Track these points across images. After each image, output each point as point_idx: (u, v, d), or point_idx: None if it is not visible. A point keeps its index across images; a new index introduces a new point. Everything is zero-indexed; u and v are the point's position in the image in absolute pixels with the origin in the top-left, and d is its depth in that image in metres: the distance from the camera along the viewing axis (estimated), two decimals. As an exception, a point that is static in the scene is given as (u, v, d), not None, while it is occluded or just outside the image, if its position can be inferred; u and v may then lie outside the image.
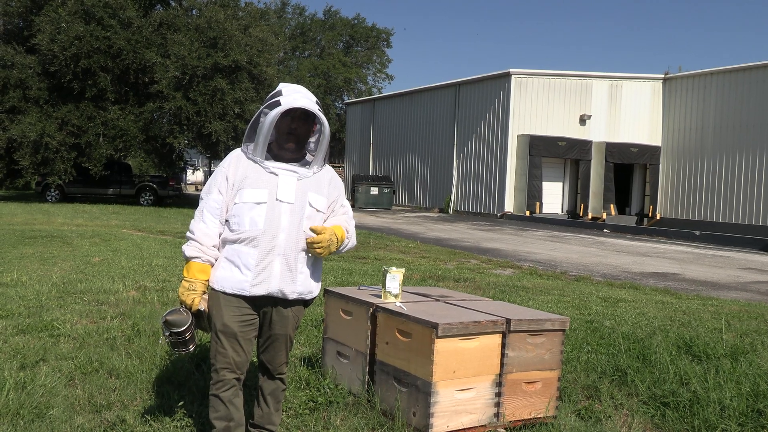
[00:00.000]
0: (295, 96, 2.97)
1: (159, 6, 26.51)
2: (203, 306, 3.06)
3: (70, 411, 3.65)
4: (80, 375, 4.15)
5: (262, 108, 2.99)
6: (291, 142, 3.05)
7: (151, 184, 26.26)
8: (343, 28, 53.67)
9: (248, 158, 3.05)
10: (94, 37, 22.46)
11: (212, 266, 3.06)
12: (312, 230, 2.99)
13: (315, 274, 3.13)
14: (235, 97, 23.30)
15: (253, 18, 25.94)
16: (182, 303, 3.04)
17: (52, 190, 24.99)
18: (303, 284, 3.06)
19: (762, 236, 19.82)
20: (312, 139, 3.14)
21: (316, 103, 3.04)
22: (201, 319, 3.12)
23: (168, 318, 3.03)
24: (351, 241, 3.20)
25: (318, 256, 3.05)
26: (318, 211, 3.07)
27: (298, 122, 3.02)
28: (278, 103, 2.94)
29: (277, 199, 2.98)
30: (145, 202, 26.03)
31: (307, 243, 3.00)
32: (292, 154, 3.08)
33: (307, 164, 3.10)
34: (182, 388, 3.98)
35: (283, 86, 3.05)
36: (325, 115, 3.20)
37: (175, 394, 3.87)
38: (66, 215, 17.95)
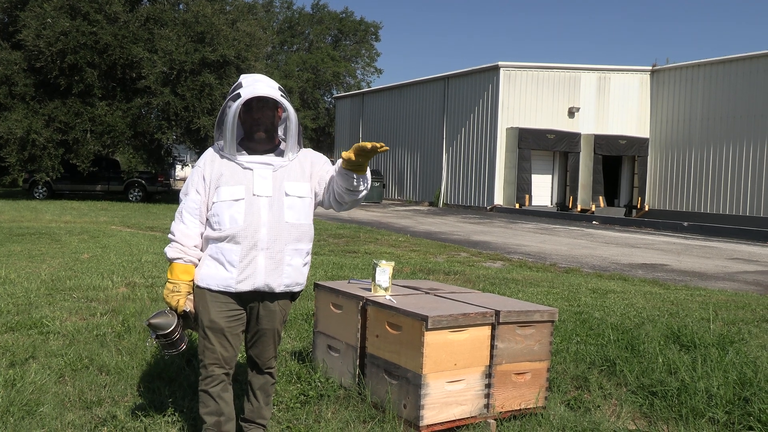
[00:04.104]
0: (255, 86, 2.96)
1: (145, 0, 26.32)
2: (189, 307, 3.04)
3: (61, 408, 3.64)
4: (70, 372, 4.14)
5: (225, 102, 2.99)
6: (260, 132, 3.03)
7: (139, 180, 26.12)
8: (332, 22, 53.49)
9: (222, 156, 3.04)
10: (81, 33, 22.26)
11: (195, 266, 3.05)
12: (343, 158, 2.91)
13: (302, 267, 3.11)
14: (224, 92, 23.17)
15: (241, 12, 25.79)
16: (167, 305, 3.04)
17: (40, 186, 24.79)
18: (290, 276, 3.05)
19: (749, 226, 19.97)
20: (280, 129, 3.13)
21: (279, 89, 3.02)
22: (188, 319, 3.10)
23: (152, 321, 3.01)
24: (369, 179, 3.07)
25: (364, 163, 2.91)
26: (300, 197, 3.05)
27: (261, 112, 3.00)
28: (238, 96, 2.93)
29: (254, 195, 2.97)
30: (134, 198, 25.89)
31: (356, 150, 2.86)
32: (264, 145, 3.07)
33: (281, 153, 3.09)
34: (173, 384, 3.98)
35: (243, 77, 3.04)
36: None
37: (165, 390, 3.87)
38: (54, 212, 17.84)
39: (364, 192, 3.06)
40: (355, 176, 2.97)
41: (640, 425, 3.82)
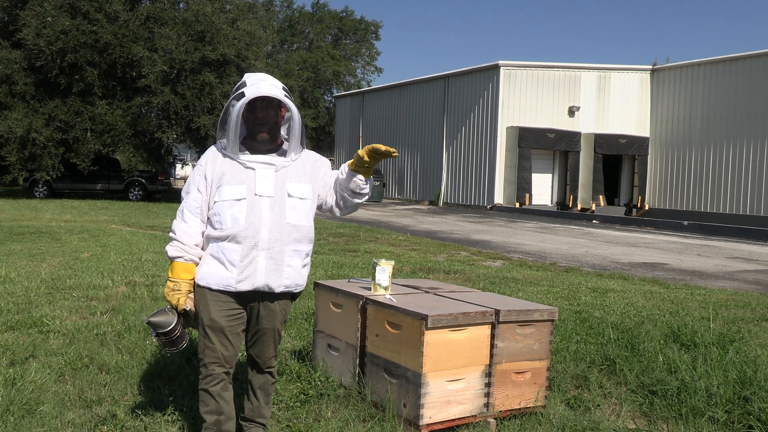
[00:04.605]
0: (259, 85, 2.96)
1: (145, -1, 26.34)
2: (189, 305, 3.04)
3: (61, 407, 3.64)
4: (70, 371, 4.14)
5: (229, 101, 2.98)
6: (263, 132, 3.04)
7: (139, 179, 26.11)
8: (332, 21, 53.47)
9: (224, 155, 3.04)
10: (81, 32, 22.23)
11: (196, 265, 3.05)
12: (357, 155, 3.01)
13: (301, 268, 3.11)
14: (224, 91, 23.15)
15: (241, 11, 25.76)
16: (168, 303, 3.04)
17: (40, 185, 24.79)
18: (290, 277, 3.05)
19: (749, 226, 19.97)
20: (283, 129, 3.14)
21: (283, 89, 3.02)
22: (189, 318, 3.10)
23: (151, 320, 3.01)
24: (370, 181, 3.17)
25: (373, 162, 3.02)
26: (302, 198, 3.05)
27: (264, 111, 3.00)
28: (243, 95, 2.93)
29: (256, 194, 2.97)
30: (134, 197, 25.89)
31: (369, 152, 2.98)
32: (267, 145, 3.07)
33: (284, 153, 3.09)
34: (173, 383, 3.98)
35: (247, 76, 3.04)
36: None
37: (165, 389, 3.88)
38: (54, 211, 17.84)
39: (368, 195, 3.14)
40: (361, 178, 3.04)
41: (640, 424, 3.82)
